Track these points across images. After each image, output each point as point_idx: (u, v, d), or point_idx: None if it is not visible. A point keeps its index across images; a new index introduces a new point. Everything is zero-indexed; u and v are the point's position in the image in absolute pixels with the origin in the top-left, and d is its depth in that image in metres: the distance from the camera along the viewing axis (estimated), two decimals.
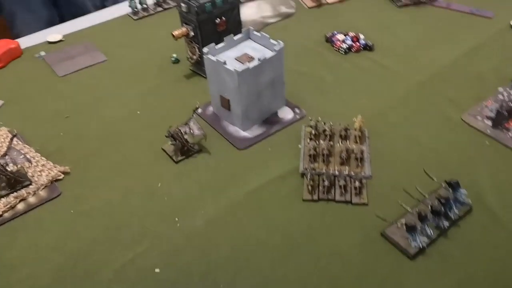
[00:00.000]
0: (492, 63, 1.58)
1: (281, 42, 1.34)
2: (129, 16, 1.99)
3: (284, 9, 1.97)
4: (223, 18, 1.55)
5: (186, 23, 1.54)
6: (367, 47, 1.71)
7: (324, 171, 1.21)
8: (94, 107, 1.52)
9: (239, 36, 1.41)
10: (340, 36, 1.74)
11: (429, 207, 1.08)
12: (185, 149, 1.30)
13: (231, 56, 1.35)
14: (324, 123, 1.33)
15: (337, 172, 1.20)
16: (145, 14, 1.99)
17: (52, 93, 1.61)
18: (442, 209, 1.08)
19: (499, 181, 1.19)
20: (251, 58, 1.33)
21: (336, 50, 1.72)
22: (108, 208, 1.20)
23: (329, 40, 1.76)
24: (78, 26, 1.94)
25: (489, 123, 1.34)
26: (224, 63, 1.28)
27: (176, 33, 1.51)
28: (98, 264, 1.08)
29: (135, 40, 1.85)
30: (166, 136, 1.28)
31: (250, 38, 1.43)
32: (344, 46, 1.70)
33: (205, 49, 1.33)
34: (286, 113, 1.45)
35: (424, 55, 1.66)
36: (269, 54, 1.32)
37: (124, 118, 1.47)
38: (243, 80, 1.28)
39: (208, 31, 1.53)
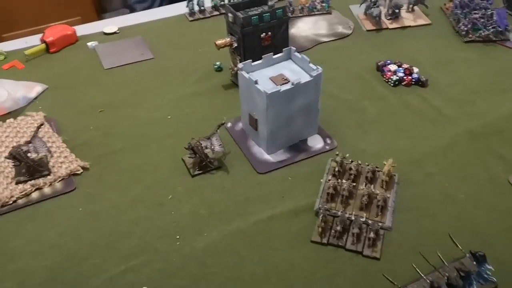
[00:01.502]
0: None
1: (320, 68, 1.24)
2: (186, 16, 1.94)
3: (340, 29, 1.85)
4: (270, 33, 1.45)
5: (231, 33, 1.46)
6: (420, 83, 1.56)
7: (340, 213, 1.10)
8: (129, 105, 1.49)
9: (279, 55, 1.31)
10: (393, 67, 1.61)
11: (446, 278, 0.94)
12: (204, 164, 1.22)
13: (266, 75, 1.27)
14: (351, 161, 1.21)
15: (353, 217, 1.09)
16: (201, 16, 1.94)
17: (94, 85, 1.58)
18: (461, 283, 0.94)
19: None
20: (285, 80, 1.23)
21: (386, 81, 1.58)
22: (115, 212, 1.16)
23: (380, 69, 1.63)
24: (135, 20, 1.91)
25: None
26: (256, 82, 1.19)
27: (218, 42, 1.44)
28: (90, 270, 1.05)
29: (185, 41, 1.79)
30: (186, 148, 1.21)
31: (290, 59, 1.33)
32: (394, 78, 1.56)
33: (240, 65, 1.25)
34: (316, 142, 1.35)
35: (483, 101, 1.49)
36: (304, 78, 1.22)
37: (155, 121, 1.42)
38: (272, 102, 1.18)
39: (252, 44, 1.45)
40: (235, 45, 1.46)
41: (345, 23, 1.89)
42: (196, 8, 1.94)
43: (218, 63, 1.63)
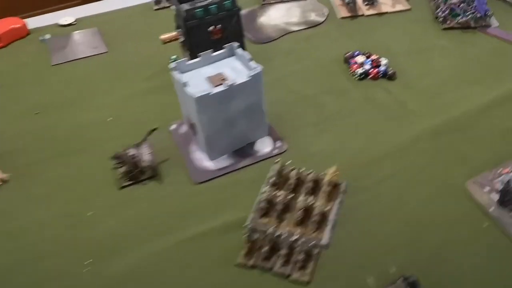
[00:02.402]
0: None
1: (259, 66, 1.11)
2: (151, 4, 1.81)
3: (313, 17, 1.71)
4: (219, 26, 1.33)
5: (178, 27, 1.34)
6: (387, 75, 1.42)
7: (270, 230, 0.98)
8: (71, 106, 1.39)
9: (219, 52, 1.19)
10: (360, 58, 1.47)
11: None
12: (133, 175, 1.12)
13: (205, 74, 1.15)
14: (292, 169, 1.09)
15: (284, 235, 0.97)
16: (167, 5, 1.81)
17: (40, 83, 1.49)
18: None
19: (481, 277, 0.90)
20: (223, 80, 1.11)
21: (351, 74, 1.44)
22: (25, 235, 1.05)
23: (347, 61, 1.49)
24: (94, 10, 1.79)
25: (497, 198, 1.04)
26: (185, 84, 1.07)
27: (163, 36, 1.33)
28: None
29: (146, 32, 1.68)
30: (112, 158, 1.11)
31: (235, 55, 1.20)
32: (360, 71, 1.42)
33: (173, 64, 1.13)
34: (264, 145, 1.23)
35: (452, 94, 1.35)
36: (241, 79, 1.10)
37: (96, 123, 1.32)
38: (203, 106, 1.07)
39: (200, 38, 1.33)
40: (182, 39, 1.33)
41: (319, 10, 1.74)
42: None
43: (174, 56, 1.51)
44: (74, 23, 1.72)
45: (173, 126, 1.29)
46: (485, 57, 1.47)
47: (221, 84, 1.11)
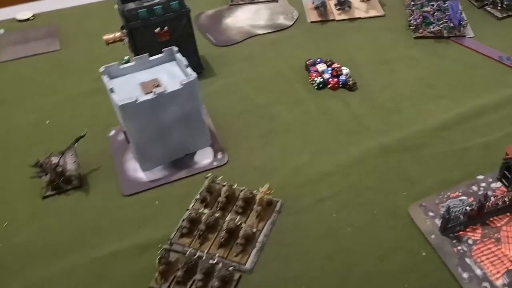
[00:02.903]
0: (489, 139, 1.19)
1: (193, 74, 1.06)
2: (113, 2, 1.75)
3: (281, 20, 1.65)
4: (166, 27, 1.27)
5: (122, 27, 1.29)
6: (346, 86, 1.36)
7: (189, 252, 0.93)
8: (10, 106, 1.33)
9: (157, 56, 1.13)
10: (321, 66, 1.41)
11: None
12: (56, 184, 1.07)
13: (138, 80, 1.09)
14: (224, 185, 1.04)
15: (203, 257, 0.92)
16: None
17: None
18: None
19: None
20: (157, 87, 1.06)
21: (310, 83, 1.38)
22: None
23: (308, 69, 1.43)
24: (53, 5, 1.74)
25: (439, 224, 0.98)
26: (111, 90, 1.02)
27: (106, 37, 1.27)
28: None
29: (102, 31, 1.61)
30: (33, 166, 1.05)
31: (175, 60, 1.15)
32: (318, 80, 1.36)
33: (102, 68, 1.07)
34: (204, 157, 1.17)
35: (412, 109, 1.29)
36: (173, 86, 1.04)
37: (28, 126, 1.27)
38: (129, 114, 1.02)
39: (145, 40, 1.28)
40: (126, 40, 1.28)
41: (288, 13, 1.68)
42: None
43: (126, 57, 1.46)
44: (31, 18, 1.68)
45: (112, 132, 1.24)
46: (454, 70, 1.40)
47: (151, 91, 1.05)
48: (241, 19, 1.68)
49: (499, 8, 1.62)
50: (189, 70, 1.08)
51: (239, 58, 1.51)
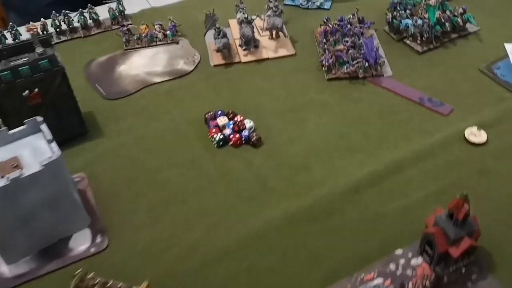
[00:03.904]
0: (407, 202, 1.16)
1: (56, 151, 0.98)
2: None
3: (181, 65, 1.60)
4: (36, 89, 1.19)
5: None
6: (250, 143, 1.30)
7: None
8: None
9: (18, 129, 1.05)
10: (222, 120, 1.36)
11: None
12: None
13: None
14: (96, 283, 0.95)
15: None
16: None
17: None
18: None
19: None
20: (15, 168, 0.97)
21: (210, 139, 1.32)
22: None
23: (207, 123, 1.37)
24: None
25: None
26: None
27: None
28: None
29: None
30: None
31: (41, 132, 1.06)
32: (218, 137, 1.31)
33: None
34: (80, 242, 1.10)
35: (325, 165, 1.26)
36: (33, 168, 0.96)
37: None
38: None
39: (13, 105, 1.20)
40: None
41: (189, 56, 1.63)
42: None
43: None
44: None
45: None
46: (370, 116, 1.38)
47: (12, 172, 0.96)
48: (137, 65, 1.61)
49: (418, 42, 1.62)
50: (53, 146, 1.01)
51: (131, 112, 1.44)
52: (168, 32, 1.69)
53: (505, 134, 1.30)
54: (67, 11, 1.73)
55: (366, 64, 1.49)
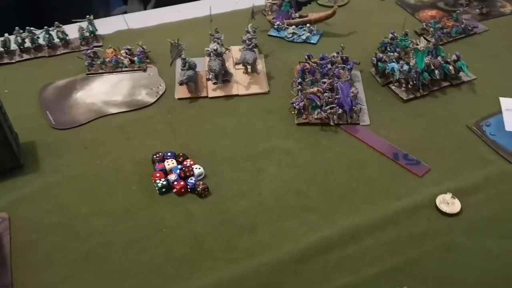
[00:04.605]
0: (355, 278, 1.00)
1: None
2: None
3: (142, 95, 1.47)
4: None
5: None
6: (195, 192, 1.15)
7: None
8: None
9: None
10: (169, 163, 1.22)
11: None
12: None
13: None
14: None
15: None
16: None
17: None
18: None
19: None
20: None
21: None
22: None
23: (154, 165, 1.22)
24: None
25: None
26: None
27: None
28: None
29: None
30: None
31: None
32: (160, 183, 1.16)
33: None
34: None
35: (272, 226, 1.10)
36: None
37: None
38: None
39: None
40: None
41: (154, 86, 1.49)
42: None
43: None
44: None
45: None
46: (335, 171, 1.22)
47: None
48: (95, 93, 1.48)
49: (404, 88, 1.45)
50: None
51: (75, 146, 1.30)
52: (135, 58, 1.54)
53: (482, 205, 1.12)
54: (31, 28, 1.60)
55: (340, 111, 1.33)
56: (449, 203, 1.12)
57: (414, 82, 1.44)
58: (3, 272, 1.00)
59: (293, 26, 1.70)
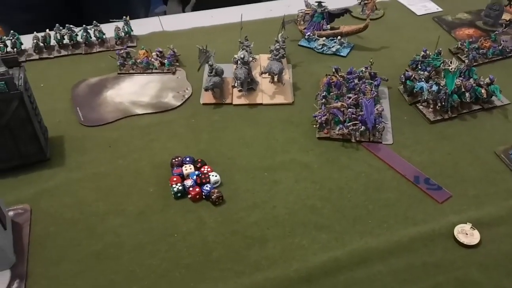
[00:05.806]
0: None
1: None
2: None
3: (169, 98, 1.46)
4: None
5: None
6: (210, 199, 1.14)
7: None
8: None
9: None
10: (188, 168, 1.21)
11: None
12: None
13: None
14: None
15: None
16: None
17: None
18: None
19: None
20: None
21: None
22: None
23: (172, 169, 1.21)
24: None
25: None
26: None
27: None
28: None
29: None
30: None
31: None
32: (176, 187, 1.15)
33: None
34: None
35: (283, 241, 1.08)
36: None
37: None
38: None
39: None
40: None
41: (181, 90, 1.49)
42: None
43: None
44: None
45: None
46: (352, 190, 1.19)
47: None
48: (124, 92, 1.47)
49: (431, 108, 1.40)
50: None
51: (99, 144, 1.30)
52: (165, 60, 1.53)
53: (503, 240, 1.07)
54: (71, 26, 1.61)
55: (362, 128, 1.29)
56: (467, 234, 1.06)
57: (443, 103, 1.38)
58: (20, 262, 1.01)
59: (324, 38, 1.66)
